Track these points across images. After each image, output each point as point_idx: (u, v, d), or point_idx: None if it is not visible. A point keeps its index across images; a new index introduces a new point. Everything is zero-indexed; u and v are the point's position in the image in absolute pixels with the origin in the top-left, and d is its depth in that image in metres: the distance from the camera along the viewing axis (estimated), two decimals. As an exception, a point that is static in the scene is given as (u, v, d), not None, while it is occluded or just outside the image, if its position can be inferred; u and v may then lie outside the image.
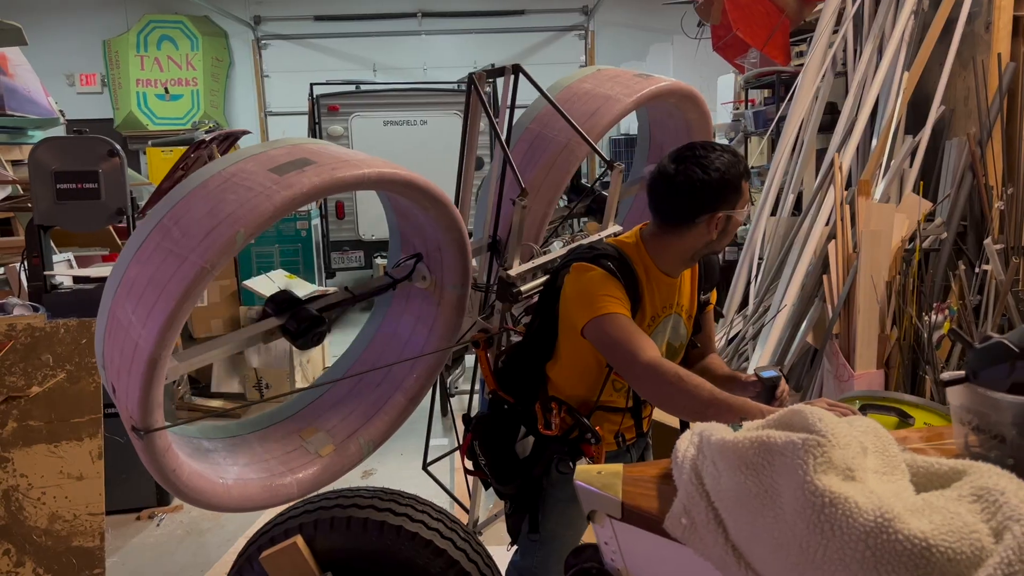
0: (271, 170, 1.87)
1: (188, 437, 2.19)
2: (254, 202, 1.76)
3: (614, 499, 1.15)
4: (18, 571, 2.89)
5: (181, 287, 1.71)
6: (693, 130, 3.27)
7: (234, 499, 1.98)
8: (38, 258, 3.81)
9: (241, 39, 12.45)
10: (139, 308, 1.76)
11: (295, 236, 6.64)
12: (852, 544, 0.93)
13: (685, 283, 2.13)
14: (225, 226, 1.73)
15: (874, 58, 4.97)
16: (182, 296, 1.70)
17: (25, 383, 3.14)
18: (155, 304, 1.73)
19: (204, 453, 2.15)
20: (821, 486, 0.96)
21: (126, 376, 1.78)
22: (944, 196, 4.47)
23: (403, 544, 1.39)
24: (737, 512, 1.05)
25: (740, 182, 1.95)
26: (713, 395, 1.68)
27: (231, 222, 1.73)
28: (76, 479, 3.07)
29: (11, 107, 6.57)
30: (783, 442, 1.02)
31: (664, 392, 1.75)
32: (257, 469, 2.12)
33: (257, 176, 1.85)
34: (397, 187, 2.14)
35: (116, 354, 1.82)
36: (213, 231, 1.73)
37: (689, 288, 2.15)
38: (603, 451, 2.02)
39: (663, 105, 3.23)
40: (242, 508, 2.03)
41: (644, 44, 12.47)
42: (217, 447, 2.21)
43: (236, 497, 1.99)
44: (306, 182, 1.83)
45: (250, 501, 2.00)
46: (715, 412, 1.62)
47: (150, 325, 1.71)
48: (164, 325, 1.70)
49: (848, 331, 4.25)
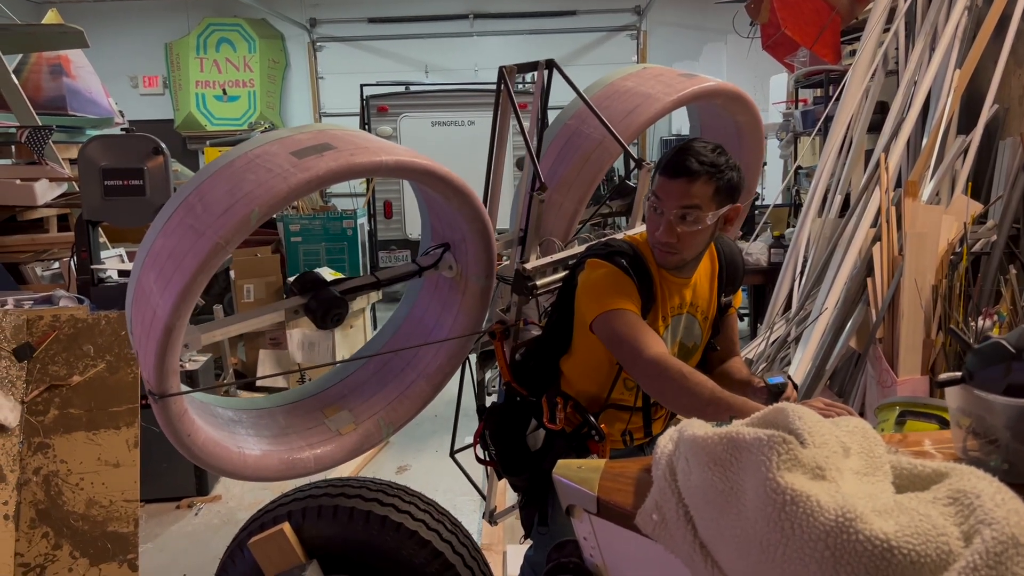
0: (292, 153, 1.93)
1: (214, 407, 2.28)
2: (271, 183, 1.83)
3: (589, 493, 1.14)
4: (56, 554, 2.98)
5: (196, 261, 1.80)
6: (744, 133, 3.13)
7: (250, 468, 2.05)
8: (86, 252, 3.94)
9: (297, 41, 12.68)
10: (159, 278, 1.85)
11: (341, 235, 6.73)
12: (812, 543, 0.90)
13: (703, 284, 2.09)
14: (241, 205, 1.81)
15: (925, 55, 4.83)
16: (196, 270, 1.79)
17: (67, 372, 3.24)
18: (172, 276, 1.82)
19: (227, 423, 2.22)
20: (783, 484, 0.94)
21: (145, 342, 1.88)
22: (996, 198, 4.33)
23: (388, 534, 1.40)
24: (704, 509, 1.03)
25: (659, 168, 1.95)
26: (714, 394, 1.66)
27: (247, 201, 1.81)
28: (113, 466, 3.16)
29: (73, 108, 6.81)
30: (751, 439, 1.00)
31: (666, 388, 1.75)
32: (277, 441, 2.18)
33: (278, 158, 1.92)
34: (416, 175, 2.17)
35: (139, 320, 1.92)
36: (230, 209, 1.82)
37: (708, 290, 2.11)
38: (607, 448, 2.00)
39: (710, 107, 3.13)
40: (258, 478, 2.09)
41: (697, 44, 12.34)
42: (242, 418, 2.29)
43: (252, 467, 2.06)
44: (322, 166, 1.89)
45: (266, 471, 2.07)
46: (714, 410, 1.62)
47: (167, 296, 1.81)
48: (179, 296, 1.79)
49: (892, 336, 4.14)
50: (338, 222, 6.75)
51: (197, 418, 2.06)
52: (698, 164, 1.86)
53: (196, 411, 2.12)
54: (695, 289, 2.07)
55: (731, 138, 3.14)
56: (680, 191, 1.87)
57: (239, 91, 12.17)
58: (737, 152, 2.99)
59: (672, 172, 1.88)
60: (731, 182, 1.91)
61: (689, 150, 1.89)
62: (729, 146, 2.92)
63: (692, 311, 2.07)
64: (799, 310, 4.87)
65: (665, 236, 1.90)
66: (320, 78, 12.66)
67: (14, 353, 3.18)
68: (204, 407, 2.24)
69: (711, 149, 1.90)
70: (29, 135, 4.89)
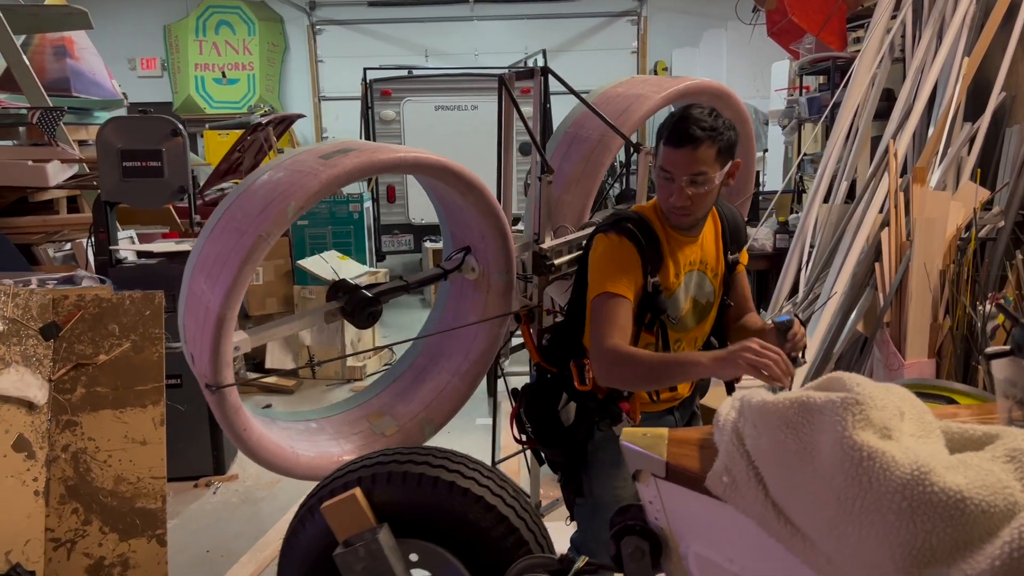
0: (320, 156, 2.13)
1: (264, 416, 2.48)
2: (303, 181, 2.02)
3: (659, 459, 1.20)
4: (86, 529, 3.02)
5: (240, 256, 1.98)
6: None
7: (303, 467, 2.24)
8: (104, 233, 3.96)
9: (296, 24, 12.65)
10: (208, 279, 2.03)
11: (347, 218, 6.76)
12: (889, 496, 0.96)
13: (709, 242, 2.18)
14: (278, 201, 1.99)
15: (933, 43, 4.88)
16: (242, 263, 1.97)
17: (93, 351, 3.27)
18: (220, 273, 2.00)
19: (279, 428, 2.42)
20: (859, 441, 1.00)
21: (199, 338, 2.03)
22: (1003, 184, 4.39)
23: (455, 499, 1.46)
24: (776, 469, 1.09)
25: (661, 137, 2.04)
26: (662, 359, 1.91)
27: (283, 198, 1.99)
28: (140, 444, 3.19)
29: (77, 89, 6.79)
30: (823, 401, 1.06)
31: (612, 371, 1.95)
32: (328, 445, 2.40)
33: (308, 161, 2.11)
34: (433, 171, 2.34)
35: (192, 323, 2.09)
36: (267, 207, 2.00)
37: (714, 248, 2.20)
38: (638, 406, 2.09)
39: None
40: (308, 476, 2.25)
41: (698, 30, 12.34)
42: (291, 426, 2.49)
43: (305, 466, 2.25)
44: (348, 163, 2.09)
45: (319, 471, 2.21)
46: (664, 371, 1.90)
47: (217, 290, 1.98)
48: (229, 288, 1.96)
49: (899, 320, 4.21)
50: (344, 206, 6.77)
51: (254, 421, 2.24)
52: (700, 131, 1.96)
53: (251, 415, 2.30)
54: (703, 247, 2.16)
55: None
56: (687, 159, 1.97)
57: (238, 74, 12.14)
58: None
59: (677, 141, 1.98)
60: (730, 141, 2.02)
61: (688, 118, 1.98)
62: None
63: (702, 268, 2.16)
64: (807, 295, 4.93)
65: (680, 201, 2.00)
66: (320, 61, 12.64)
67: (41, 332, 3.21)
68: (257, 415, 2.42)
69: (708, 114, 2.00)
70: (41, 116, 4.89)
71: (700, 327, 2.21)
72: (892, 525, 0.96)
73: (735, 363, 1.78)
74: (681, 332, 2.17)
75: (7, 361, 3.04)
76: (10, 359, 3.06)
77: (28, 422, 3.04)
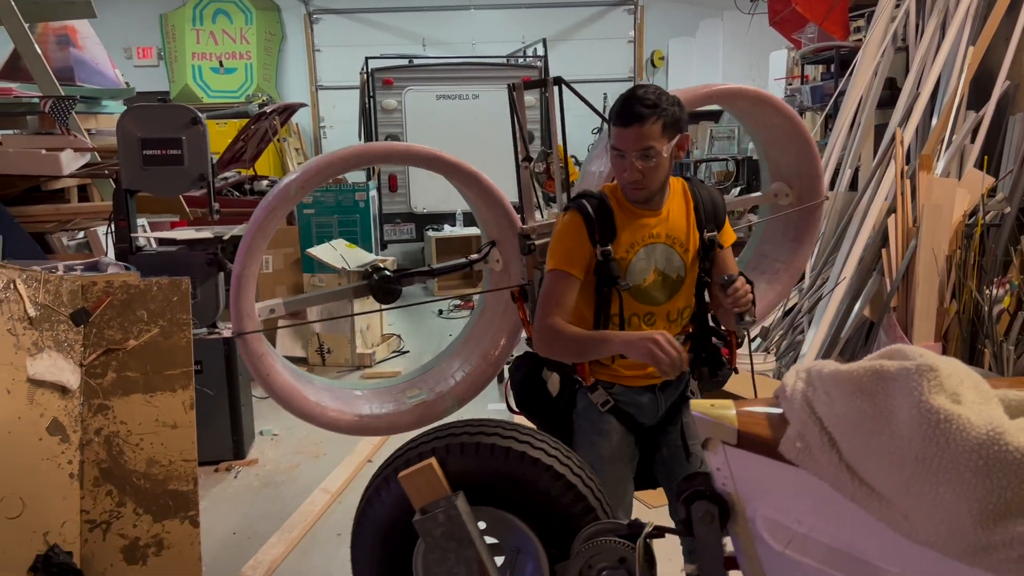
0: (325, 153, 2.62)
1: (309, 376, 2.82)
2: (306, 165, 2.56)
3: (731, 427, 1.26)
4: (120, 511, 3.07)
5: (252, 229, 2.52)
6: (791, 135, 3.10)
7: (325, 418, 2.59)
8: (125, 221, 3.99)
9: (293, 13, 12.63)
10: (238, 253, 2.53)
11: (353, 207, 6.78)
12: (966, 455, 1.04)
13: (677, 218, 2.25)
14: (286, 180, 2.54)
15: (937, 33, 4.95)
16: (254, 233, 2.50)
17: (122, 337, 3.30)
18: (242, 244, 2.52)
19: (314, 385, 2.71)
20: (936, 404, 1.07)
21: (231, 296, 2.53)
22: (1007, 171, 4.48)
23: (526, 468, 1.53)
24: (852, 434, 1.16)
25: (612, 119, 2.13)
26: (584, 336, 2.09)
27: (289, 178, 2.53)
28: (171, 427, 3.23)
29: (80, 79, 6.79)
30: (896, 369, 1.13)
31: (548, 348, 2.17)
32: (355, 406, 2.70)
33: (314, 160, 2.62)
34: (424, 161, 2.62)
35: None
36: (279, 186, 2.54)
37: (684, 222, 2.25)
38: (588, 369, 2.24)
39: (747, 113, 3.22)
40: (330, 428, 2.66)
41: (694, 20, 12.41)
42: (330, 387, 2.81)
43: (327, 419, 2.59)
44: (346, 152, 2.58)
45: (337, 424, 2.63)
46: (585, 346, 2.11)
47: (239, 255, 2.49)
48: (245, 251, 2.49)
49: (906, 304, 4.30)
50: (350, 194, 6.80)
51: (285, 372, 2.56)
52: (644, 108, 2.06)
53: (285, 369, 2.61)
54: (669, 221, 2.24)
55: (782, 143, 3.14)
56: (635, 136, 2.08)
57: (236, 63, 12.12)
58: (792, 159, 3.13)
59: (624, 121, 2.08)
60: (675, 116, 2.11)
61: (633, 98, 2.09)
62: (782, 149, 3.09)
63: (669, 242, 2.23)
64: (813, 281, 5.02)
65: (632, 175, 2.11)
66: (316, 51, 12.63)
67: (71, 318, 3.25)
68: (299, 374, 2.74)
69: (651, 92, 2.10)
70: (53, 105, 4.91)
71: (672, 302, 2.25)
72: (969, 482, 1.03)
73: (640, 348, 1.93)
74: (650, 305, 2.23)
75: (40, 346, 3.08)
76: (43, 344, 3.10)
77: (62, 406, 3.08)
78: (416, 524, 1.47)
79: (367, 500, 1.61)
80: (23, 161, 4.76)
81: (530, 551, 1.58)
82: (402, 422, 2.65)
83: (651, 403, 2.30)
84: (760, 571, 1.32)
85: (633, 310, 2.22)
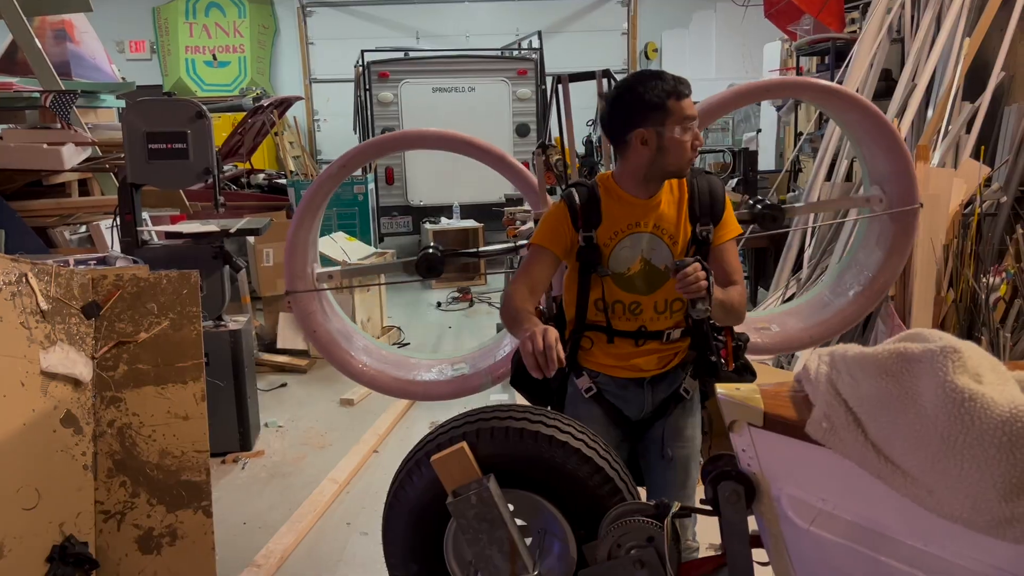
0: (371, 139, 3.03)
1: (355, 333, 3.25)
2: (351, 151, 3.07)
3: (757, 408, 1.31)
4: (134, 501, 3.10)
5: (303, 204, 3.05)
6: (873, 132, 3.01)
7: (364, 376, 2.93)
8: (130, 215, 4.01)
9: (286, 6, 12.60)
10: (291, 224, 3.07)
11: (352, 200, 6.81)
12: (991, 432, 1.09)
13: (669, 209, 2.24)
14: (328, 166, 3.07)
15: (933, 25, 5.00)
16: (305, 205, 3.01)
17: (133, 329, 3.33)
18: (296, 213, 3.03)
19: (365, 347, 3.09)
20: (960, 384, 1.12)
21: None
22: (1003, 161, 4.54)
23: (555, 451, 1.57)
24: (877, 413, 1.20)
25: (664, 100, 2.10)
26: (514, 316, 2.13)
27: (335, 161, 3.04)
28: (183, 419, 3.26)
29: (77, 73, 6.77)
30: (920, 351, 1.18)
31: (501, 312, 2.26)
32: (397, 370, 3.00)
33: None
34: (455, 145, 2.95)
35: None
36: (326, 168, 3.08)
37: (675, 214, 2.24)
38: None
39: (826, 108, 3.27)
40: (368, 385, 3.02)
41: (687, 11, 12.44)
42: (381, 351, 3.19)
43: (366, 376, 2.93)
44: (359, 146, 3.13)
45: (376, 383, 2.96)
46: (510, 323, 2.17)
47: (292, 225, 3.01)
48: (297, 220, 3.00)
49: (904, 293, 4.35)
50: (349, 187, 6.82)
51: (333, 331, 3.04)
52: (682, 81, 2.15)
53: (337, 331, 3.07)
54: (660, 212, 2.24)
55: (871, 138, 3.03)
56: (691, 105, 2.16)
57: (229, 56, 12.09)
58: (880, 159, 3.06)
59: (683, 92, 2.14)
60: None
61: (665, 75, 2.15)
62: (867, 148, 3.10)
63: (657, 232, 2.23)
64: (812, 271, 5.07)
65: (700, 141, 2.19)
66: (310, 44, 12.60)
67: (82, 311, 3.27)
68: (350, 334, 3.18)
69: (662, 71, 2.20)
70: (54, 99, 4.91)
71: (660, 292, 2.24)
72: (993, 458, 1.08)
73: (522, 341, 1.95)
74: (635, 294, 2.24)
75: (53, 339, 3.10)
76: (55, 337, 3.12)
77: (75, 398, 3.10)
78: (449, 506, 1.51)
79: (399, 483, 1.65)
80: (24, 156, 4.77)
81: (557, 532, 1.62)
82: (437, 391, 2.86)
83: (636, 397, 2.30)
84: (784, 548, 1.37)
85: (617, 297, 2.23)
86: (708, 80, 11.76)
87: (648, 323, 2.25)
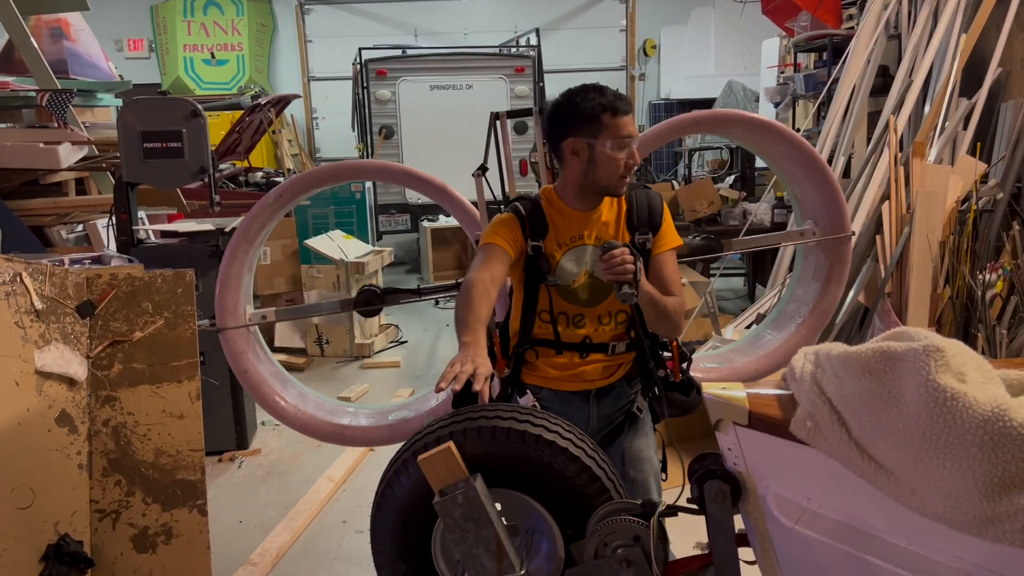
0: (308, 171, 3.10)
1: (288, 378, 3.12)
2: (286, 180, 3.02)
3: (742, 408, 1.31)
4: (129, 500, 3.10)
5: (241, 229, 2.94)
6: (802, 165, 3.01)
7: (292, 419, 2.88)
8: (126, 214, 4.01)
9: (284, 4, 12.59)
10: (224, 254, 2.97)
11: (350, 199, 6.80)
12: (972, 431, 1.09)
13: (607, 219, 2.25)
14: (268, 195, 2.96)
15: (930, 21, 5.00)
16: (237, 240, 2.90)
17: (128, 329, 3.33)
18: (230, 243, 2.91)
19: (299, 392, 3.01)
20: (943, 383, 1.12)
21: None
22: (1000, 157, 4.53)
23: (542, 450, 1.57)
24: (860, 412, 1.20)
25: (599, 113, 2.09)
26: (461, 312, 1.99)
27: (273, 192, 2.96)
28: (177, 418, 3.26)
29: (74, 72, 6.76)
30: (904, 350, 1.18)
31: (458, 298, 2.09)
32: (332, 416, 2.94)
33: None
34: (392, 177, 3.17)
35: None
36: (262, 199, 2.96)
37: (613, 227, 2.25)
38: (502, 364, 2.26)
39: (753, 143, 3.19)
40: (298, 429, 2.94)
41: (685, 8, 12.42)
42: (318, 399, 3.05)
43: (295, 418, 2.88)
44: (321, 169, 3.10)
45: (307, 427, 2.91)
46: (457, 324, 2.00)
47: (225, 254, 2.90)
48: (231, 250, 2.89)
49: (900, 290, 4.35)
50: (347, 185, 6.82)
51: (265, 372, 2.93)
52: (622, 99, 2.14)
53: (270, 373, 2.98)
54: (599, 225, 2.24)
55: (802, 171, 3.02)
56: (631, 122, 2.15)
57: (227, 55, 12.08)
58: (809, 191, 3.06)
59: (625, 109, 2.13)
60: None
61: (606, 90, 2.14)
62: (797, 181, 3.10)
63: (597, 244, 2.21)
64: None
65: (636, 160, 2.16)
66: (308, 42, 12.59)
67: (77, 310, 3.27)
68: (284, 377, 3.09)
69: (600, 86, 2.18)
70: (50, 98, 4.91)
71: (604, 305, 2.24)
72: (975, 457, 1.08)
73: (459, 358, 1.80)
74: (580, 306, 2.23)
75: (47, 338, 3.10)
76: (50, 336, 3.11)
77: (69, 397, 3.10)
78: (436, 506, 1.52)
79: (386, 483, 1.65)
80: (21, 155, 4.76)
81: (545, 531, 1.62)
82: (373, 436, 2.79)
83: (580, 412, 2.27)
84: (770, 546, 1.37)
85: (562, 308, 2.23)
86: (707, 77, 11.76)
87: (593, 335, 2.24)
